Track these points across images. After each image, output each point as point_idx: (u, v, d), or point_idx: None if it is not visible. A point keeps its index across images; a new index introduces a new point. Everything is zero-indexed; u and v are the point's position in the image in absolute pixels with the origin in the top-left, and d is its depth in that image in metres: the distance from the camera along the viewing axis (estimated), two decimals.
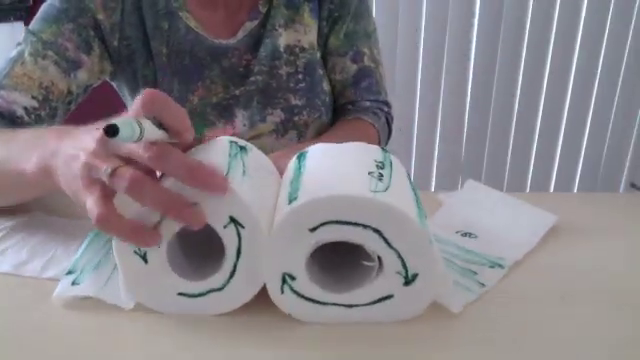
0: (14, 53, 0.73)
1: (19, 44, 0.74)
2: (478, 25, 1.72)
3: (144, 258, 0.42)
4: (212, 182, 0.39)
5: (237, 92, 0.81)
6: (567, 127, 1.85)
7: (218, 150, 0.45)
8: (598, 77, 1.80)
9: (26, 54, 0.72)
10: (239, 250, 0.41)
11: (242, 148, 0.45)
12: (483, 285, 0.48)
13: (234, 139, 0.47)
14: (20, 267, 0.50)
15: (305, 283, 0.42)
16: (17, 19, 1.62)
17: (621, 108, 1.84)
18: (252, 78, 0.81)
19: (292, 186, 0.42)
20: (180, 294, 0.43)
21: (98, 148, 0.41)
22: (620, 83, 1.81)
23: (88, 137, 0.43)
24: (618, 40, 1.76)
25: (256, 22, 0.81)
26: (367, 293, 0.42)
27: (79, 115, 0.73)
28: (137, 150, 0.39)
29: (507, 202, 0.63)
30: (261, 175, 0.45)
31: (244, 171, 0.43)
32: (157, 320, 0.44)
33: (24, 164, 0.49)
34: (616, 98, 1.83)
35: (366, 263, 0.42)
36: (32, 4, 1.62)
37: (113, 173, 0.39)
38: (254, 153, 0.47)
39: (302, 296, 0.42)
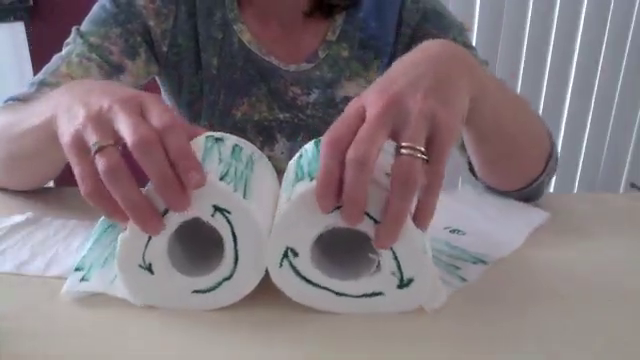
0: (63, 52, 0.72)
1: (67, 44, 0.73)
2: (478, 25, 1.72)
3: (150, 270, 0.43)
4: (178, 200, 0.38)
5: (281, 116, 0.79)
6: (567, 127, 1.86)
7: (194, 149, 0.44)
8: (598, 77, 1.81)
9: (73, 55, 0.71)
10: (234, 235, 0.42)
11: (217, 139, 0.45)
12: (464, 280, 0.48)
13: (210, 133, 0.46)
14: (22, 266, 0.50)
15: (306, 262, 0.42)
16: (17, 19, 1.62)
17: (621, 108, 1.85)
18: (302, 116, 0.79)
19: (311, 166, 0.42)
20: (195, 292, 0.44)
21: (103, 113, 0.40)
22: (620, 83, 1.81)
23: (96, 97, 0.41)
24: (618, 40, 1.76)
25: (312, 65, 0.78)
26: (360, 286, 0.43)
27: None
28: (126, 129, 0.38)
29: (498, 200, 0.64)
30: (243, 159, 0.44)
31: (220, 159, 0.42)
32: (164, 316, 0.44)
33: (36, 119, 0.48)
34: (616, 98, 1.83)
35: (372, 255, 0.42)
36: (32, 4, 1.62)
37: (99, 150, 0.38)
38: (232, 141, 0.46)
39: (298, 273, 0.43)
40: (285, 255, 0.42)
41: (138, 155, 0.38)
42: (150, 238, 0.42)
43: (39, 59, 0.76)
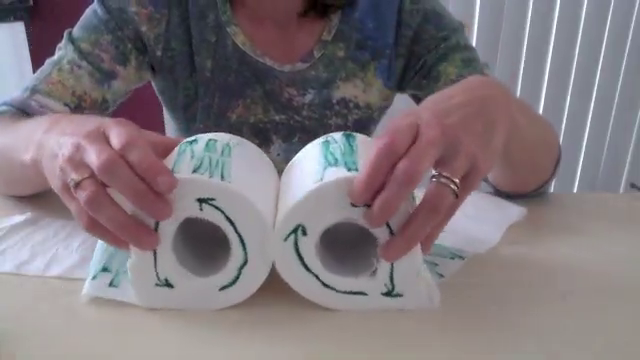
0: (55, 57, 0.73)
1: (60, 48, 0.74)
2: (478, 25, 1.72)
3: (168, 284, 0.43)
4: (157, 209, 0.39)
5: (277, 118, 0.79)
6: (567, 127, 1.86)
7: (167, 160, 0.44)
8: (598, 77, 1.81)
9: (64, 61, 0.72)
10: (229, 219, 0.41)
11: (191, 142, 0.45)
12: (442, 276, 0.49)
13: (185, 139, 0.46)
14: (22, 266, 0.50)
15: (310, 244, 0.42)
16: (17, 19, 1.62)
17: (621, 108, 1.85)
18: (297, 117, 0.79)
19: (346, 158, 0.42)
20: (222, 289, 0.44)
21: (73, 152, 0.41)
22: (620, 83, 1.81)
23: (67, 137, 0.43)
24: (618, 40, 1.76)
25: (307, 65, 0.77)
26: (349, 284, 0.44)
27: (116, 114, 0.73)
28: (92, 159, 0.40)
29: (476, 198, 0.64)
30: (218, 149, 0.44)
31: (192, 156, 0.42)
32: (164, 316, 0.44)
33: (24, 154, 0.50)
34: (616, 98, 1.84)
35: (373, 260, 0.42)
36: (32, 4, 1.62)
37: (77, 186, 0.40)
38: (206, 138, 0.46)
39: (298, 253, 0.43)
40: (294, 231, 0.42)
41: (106, 179, 0.39)
42: (156, 255, 0.42)
43: (39, 59, 0.76)
